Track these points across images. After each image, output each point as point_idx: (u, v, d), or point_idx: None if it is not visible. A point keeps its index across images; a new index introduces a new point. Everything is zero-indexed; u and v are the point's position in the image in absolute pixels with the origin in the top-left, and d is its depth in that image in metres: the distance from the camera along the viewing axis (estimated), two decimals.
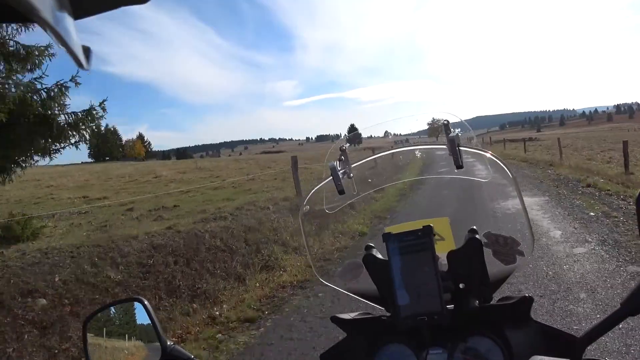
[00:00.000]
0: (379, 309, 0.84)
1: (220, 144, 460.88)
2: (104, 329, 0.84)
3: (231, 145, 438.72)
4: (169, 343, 0.79)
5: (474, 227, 0.79)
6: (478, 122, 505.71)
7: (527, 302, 0.72)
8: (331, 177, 0.84)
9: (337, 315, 0.83)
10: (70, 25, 0.29)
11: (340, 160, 0.87)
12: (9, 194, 10.76)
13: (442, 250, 0.79)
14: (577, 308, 3.13)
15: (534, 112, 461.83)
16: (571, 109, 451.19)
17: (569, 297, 3.33)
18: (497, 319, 0.75)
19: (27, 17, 0.24)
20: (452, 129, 0.80)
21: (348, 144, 0.90)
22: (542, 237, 5.01)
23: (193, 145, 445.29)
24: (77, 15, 0.31)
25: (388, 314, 0.81)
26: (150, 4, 0.38)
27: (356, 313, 0.85)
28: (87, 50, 0.33)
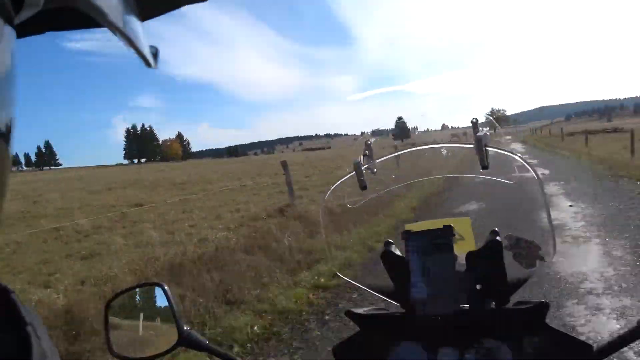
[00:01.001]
0: (394, 305, 0.85)
1: (276, 140, 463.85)
2: (125, 311, 0.88)
3: (286, 141, 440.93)
4: (185, 328, 0.82)
5: (496, 229, 0.78)
6: (541, 113, 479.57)
7: (544, 307, 0.72)
8: (354, 172, 0.85)
9: (352, 309, 0.84)
10: (137, 27, 0.30)
11: (364, 155, 0.87)
12: None
13: (461, 250, 0.79)
14: None
15: (601, 100, 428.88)
16: None
17: None
18: (511, 322, 0.75)
19: (98, 22, 0.26)
20: (480, 128, 0.79)
21: (374, 139, 0.92)
22: None
23: (249, 142, 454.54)
24: (143, 17, 0.33)
25: (403, 311, 0.82)
26: (211, 5, 0.43)
27: (371, 308, 0.86)
28: (154, 51, 0.34)
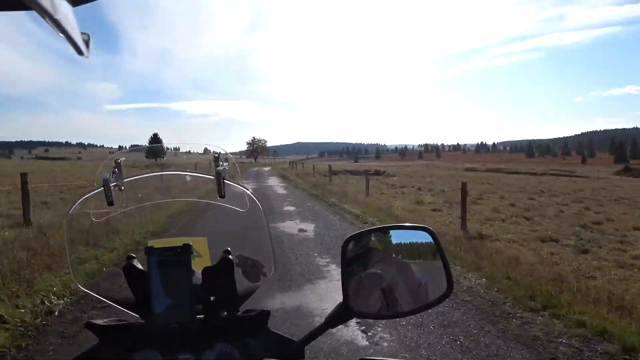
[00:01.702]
0: (134, 317, 0.89)
1: (17, 142, 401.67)
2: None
3: (29, 145, 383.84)
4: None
5: (229, 248, 0.91)
6: (298, 148, 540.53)
7: (265, 314, 0.87)
8: (102, 188, 0.88)
9: (92, 320, 0.86)
10: (69, 12, 0.29)
11: (114, 172, 0.91)
12: None
13: (198, 266, 0.89)
14: None
15: (350, 143, 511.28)
16: (383, 144, 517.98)
17: None
18: (240, 328, 0.88)
19: (26, 4, 0.24)
20: (221, 163, 0.93)
21: (124, 158, 0.95)
22: None
23: None
24: (75, 3, 0.31)
25: (142, 322, 0.87)
26: None
27: (111, 319, 0.88)
28: (86, 38, 0.32)
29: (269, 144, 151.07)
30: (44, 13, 0.25)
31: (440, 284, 0.78)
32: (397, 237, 0.84)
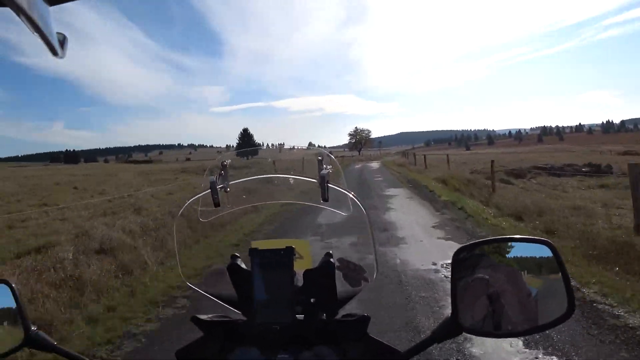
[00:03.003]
0: (236, 313, 0.94)
1: (134, 147, 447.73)
2: None
3: (146, 149, 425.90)
4: (32, 328, 0.80)
5: (330, 252, 0.93)
6: (402, 139, 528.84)
7: (366, 320, 0.87)
8: (209, 190, 0.93)
9: (197, 315, 0.91)
10: (45, 11, 0.28)
11: (220, 175, 0.96)
12: None
13: (299, 268, 0.92)
14: None
15: (456, 130, 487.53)
16: (491, 129, 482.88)
17: None
18: (339, 332, 0.88)
19: (1, 1, 0.24)
20: (324, 166, 0.94)
21: (229, 160, 0.99)
22: None
23: (104, 147, 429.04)
24: (52, 2, 0.31)
25: (244, 319, 0.92)
26: None
27: (214, 315, 0.94)
28: (62, 38, 0.32)
29: (372, 136, 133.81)
30: (19, 10, 0.25)
31: (559, 303, 0.72)
32: (512, 250, 0.79)
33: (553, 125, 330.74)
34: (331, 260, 0.91)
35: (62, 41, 0.32)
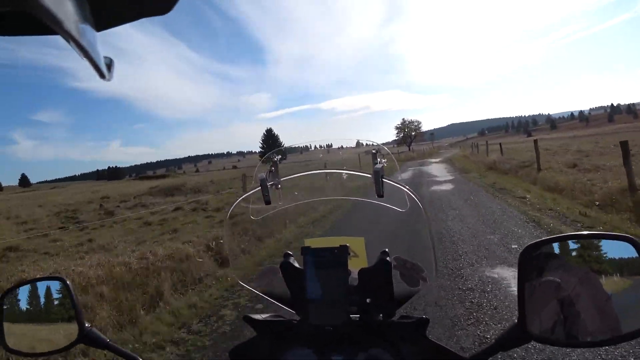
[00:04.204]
0: (289, 313, 0.93)
1: (184, 158, 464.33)
2: (22, 305, 0.85)
3: (195, 159, 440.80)
4: (86, 325, 0.82)
5: (386, 250, 0.89)
6: (452, 130, 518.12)
7: (424, 322, 0.83)
8: (259, 187, 0.93)
9: (250, 315, 0.92)
10: (92, 37, 0.29)
11: (270, 171, 0.95)
12: None
13: (354, 267, 0.90)
14: None
15: (512, 117, 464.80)
16: (546, 113, 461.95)
17: None
18: (396, 334, 0.85)
19: (52, 29, 0.24)
20: (379, 160, 0.91)
21: (280, 156, 0.98)
22: None
23: (155, 161, 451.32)
24: (99, 27, 0.32)
25: (298, 318, 0.91)
26: None
27: (268, 315, 0.93)
28: (108, 62, 0.33)
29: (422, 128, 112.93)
30: (70, 38, 0.26)
31: None
32: (588, 248, 0.69)
33: (614, 104, 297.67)
34: (387, 258, 0.88)
35: (109, 64, 0.33)
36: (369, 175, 0.88)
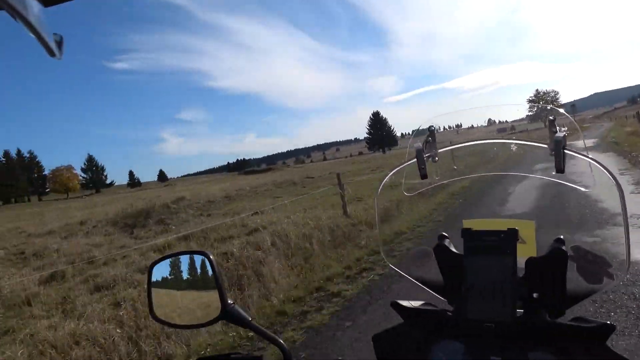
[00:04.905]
0: (441, 301, 0.85)
1: (312, 147, 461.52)
2: (169, 275, 0.87)
3: (324, 147, 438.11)
4: (229, 302, 0.80)
5: (561, 237, 0.75)
6: (596, 100, 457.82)
7: (608, 329, 0.68)
8: (415, 160, 0.85)
9: (398, 301, 0.84)
10: (40, 12, 0.29)
11: (427, 142, 0.86)
12: None
13: (521, 255, 0.77)
14: None
15: None
16: None
17: None
18: (567, 339, 0.71)
19: None
20: (557, 127, 0.76)
21: (436, 126, 0.88)
22: None
23: (285, 150, 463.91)
24: (47, 2, 0.32)
25: (451, 309, 0.81)
26: (244, 16, 1.12)
27: (418, 302, 0.85)
28: (59, 39, 0.32)
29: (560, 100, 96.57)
30: (15, 13, 0.26)
31: None
32: None
33: None
34: (562, 247, 0.73)
35: (59, 41, 0.32)
36: (544, 146, 0.77)
